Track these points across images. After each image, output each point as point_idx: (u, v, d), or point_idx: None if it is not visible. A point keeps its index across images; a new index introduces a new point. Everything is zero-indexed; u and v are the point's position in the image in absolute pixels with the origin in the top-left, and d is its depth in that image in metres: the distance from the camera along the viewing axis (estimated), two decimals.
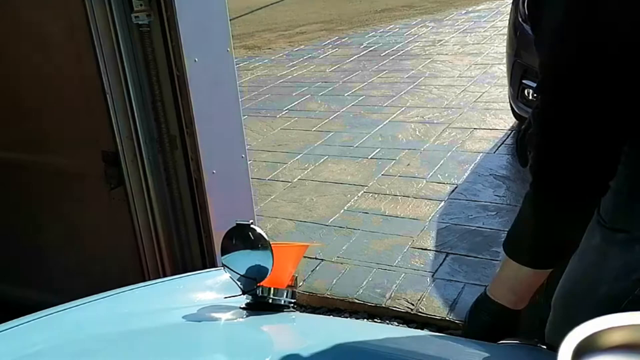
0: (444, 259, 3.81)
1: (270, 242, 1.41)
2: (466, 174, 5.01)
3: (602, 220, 1.34)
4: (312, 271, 3.77)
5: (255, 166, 5.42)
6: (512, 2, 5.36)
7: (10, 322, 1.47)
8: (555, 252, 1.42)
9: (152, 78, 2.64)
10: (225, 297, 1.57)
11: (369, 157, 5.45)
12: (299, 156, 5.68)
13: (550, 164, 1.32)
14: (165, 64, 2.62)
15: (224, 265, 1.47)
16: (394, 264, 3.79)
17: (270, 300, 1.46)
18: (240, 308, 1.48)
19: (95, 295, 1.62)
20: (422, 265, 3.78)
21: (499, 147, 5.47)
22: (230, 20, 2.76)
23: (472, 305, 1.58)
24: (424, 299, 3.45)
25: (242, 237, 1.45)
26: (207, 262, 2.96)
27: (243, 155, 2.97)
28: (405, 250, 3.94)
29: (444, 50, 9.15)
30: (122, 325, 1.51)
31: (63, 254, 3.24)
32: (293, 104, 7.39)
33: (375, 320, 3.33)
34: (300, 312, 3.20)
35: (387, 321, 3.30)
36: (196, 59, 2.60)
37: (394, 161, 5.34)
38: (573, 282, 1.44)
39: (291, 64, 9.46)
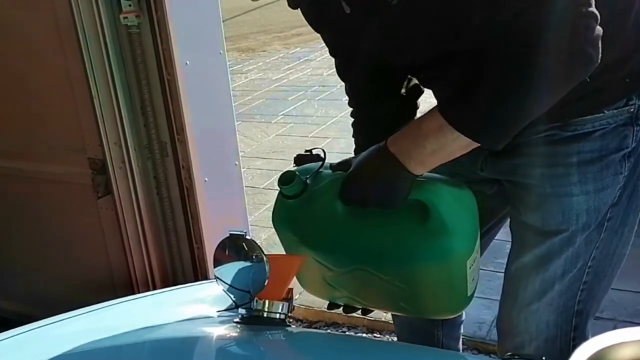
0: None
1: (265, 253, 1.41)
2: None
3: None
4: None
5: (249, 174, 5.42)
6: None
7: None
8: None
9: (142, 82, 2.64)
10: (218, 311, 1.57)
11: None
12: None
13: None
14: (155, 67, 2.62)
15: (216, 278, 1.47)
16: None
17: (265, 314, 1.46)
18: (234, 322, 1.48)
19: (81, 309, 1.61)
20: None
21: None
22: (223, 21, 2.77)
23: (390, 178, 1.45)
24: None
25: (235, 248, 1.45)
26: (199, 274, 2.96)
27: (236, 163, 2.97)
28: None
29: None
30: (109, 341, 1.50)
31: (48, 265, 3.24)
32: (289, 109, 7.39)
33: (375, 335, 3.32)
34: (297, 326, 3.20)
35: (387, 336, 3.30)
36: (187, 62, 2.60)
37: None
38: None
39: (287, 67, 9.46)
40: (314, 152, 1.63)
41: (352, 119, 1.90)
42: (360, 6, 1.49)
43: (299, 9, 1.61)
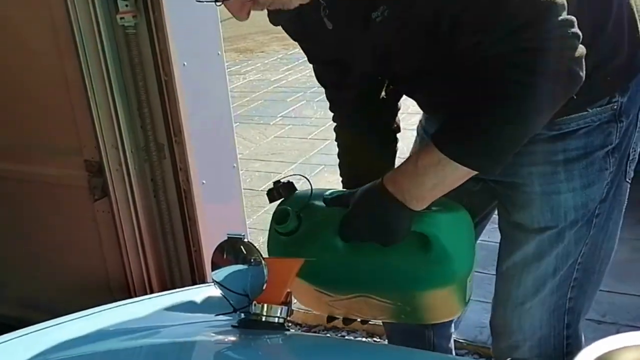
0: None
1: (264, 257, 1.41)
2: None
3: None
4: None
5: (247, 176, 5.41)
6: None
7: None
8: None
9: (139, 83, 2.64)
10: (216, 315, 1.57)
11: None
12: (293, 166, 5.67)
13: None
14: (152, 68, 2.62)
15: (214, 281, 1.47)
16: None
17: (263, 318, 1.45)
18: (232, 326, 1.48)
19: (77, 312, 1.61)
20: None
21: None
22: (221, 21, 2.76)
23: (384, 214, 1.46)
24: None
25: (233, 252, 1.44)
26: (196, 277, 2.95)
27: (235, 165, 2.97)
28: None
29: None
30: (105, 345, 1.50)
31: (43, 268, 3.23)
32: (287, 111, 7.39)
33: (375, 339, 3.32)
34: (296, 330, 3.19)
35: (387, 340, 3.30)
36: (185, 63, 2.60)
37: None
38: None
39: (285, 68, 9.46)
40: (284, 180, 1.64)
41: (335, 124, 1.92)
42: (344, 22, 1.50)
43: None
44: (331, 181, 5.27)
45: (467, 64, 1.37)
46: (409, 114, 1.86)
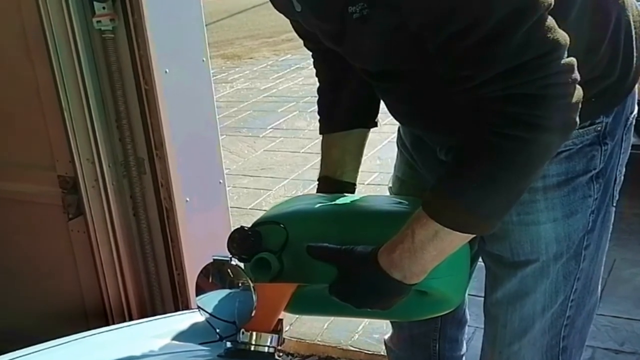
0: None
1: (253, 281, 1.41)
2: None
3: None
4: None
5: (235, 193, 5.41)
6: None
7: None
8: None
9: (117, 92, 2.64)
10: (201, 344, 1.56)
11: (366, 182, 5.45)
12: (285, 182, 5.67)
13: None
14: (131, 75, 2.62)
15: (198, 307, 1.47)
16: None
17: (252, 348, 1.45)
18: (218, 356, 1.48)
19: (49, 341, 1.61)
20: None
21: None
22: (206, 25, 2.77)
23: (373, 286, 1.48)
24: None
25: (219, 275, 1.44)
26: (179, 303, 2.95)
27: (221, 181, 2.97)
28: None
29: None
30: None
31: (12, 292, 3.22)
32: (278, 122, 7.40)
33: None
34: None
35: None
36: (167, 70, 2.60)
37: None
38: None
39: (276, 75, 9.47)
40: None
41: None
42: (315, 7, 1.48)
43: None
44: None
45: (449, 91, 1.37)
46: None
